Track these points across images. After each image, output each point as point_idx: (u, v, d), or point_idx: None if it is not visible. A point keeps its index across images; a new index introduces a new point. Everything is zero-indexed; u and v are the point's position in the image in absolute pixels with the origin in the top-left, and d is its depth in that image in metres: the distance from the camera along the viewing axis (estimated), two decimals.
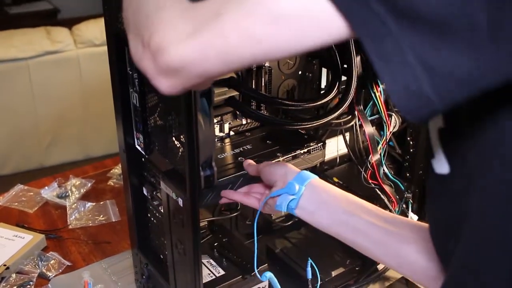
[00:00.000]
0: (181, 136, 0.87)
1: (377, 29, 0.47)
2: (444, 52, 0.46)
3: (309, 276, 1.11)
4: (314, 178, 0.92)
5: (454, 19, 0.44)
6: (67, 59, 3.05)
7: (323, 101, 1.03)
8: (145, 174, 1.06)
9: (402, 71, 0.47)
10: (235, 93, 1.04)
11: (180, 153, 0.90)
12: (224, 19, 0.52)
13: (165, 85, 0.59)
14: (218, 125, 1.12)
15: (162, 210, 1.01)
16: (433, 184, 0.66)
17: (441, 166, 0.62)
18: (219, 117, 1.10)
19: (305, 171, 0.93)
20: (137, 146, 1.04)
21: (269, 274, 1.02)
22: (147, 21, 0.58)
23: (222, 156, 1.06)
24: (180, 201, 0.90)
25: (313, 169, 1.19)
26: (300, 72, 1.19)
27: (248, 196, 1.00)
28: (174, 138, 0.91)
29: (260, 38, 0.51)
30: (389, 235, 0.85)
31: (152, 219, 1.10)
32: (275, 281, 1.02)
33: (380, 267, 1.20)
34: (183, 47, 0.54)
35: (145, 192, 1.08)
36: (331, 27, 0.49)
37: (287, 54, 0.54)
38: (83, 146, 3.35)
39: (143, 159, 1.05)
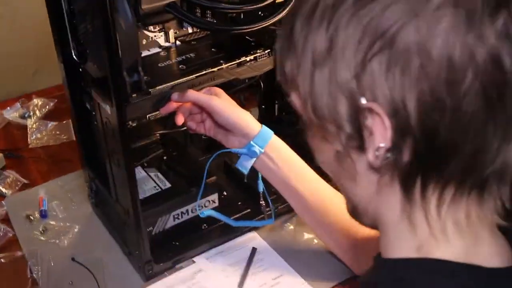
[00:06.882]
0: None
1: None
2: None
3: (260, 189, 1.08)
4: (272, 138, 0.98)
5: None
6: None
7: (267, 2, 0.97)
8: (82, 85, 1.02)
9: None
10: None
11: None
12: None
13: None
14: (163, 34, 1.07)
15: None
16: None
17: None
18: (161, 25, 1.04)
19: (265, 128, 0.98)
20: (73, 56, 0.99)
21: (208, 212, 1.06)
22: None
23: (163, 65, 1.02)
24: (108, 109, 0.87)
25: None
26: None
27: (187, 120, 1.01)
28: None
29: None
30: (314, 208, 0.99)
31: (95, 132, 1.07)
32: (216, 214, 1.06)
33: None
34: None
35: (87, 105, 1.05)
36: None
37: None
38: None
39: (80, 69, 1.01)
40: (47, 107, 1.56)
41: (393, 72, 0.50)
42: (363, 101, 0.53)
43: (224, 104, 0.96)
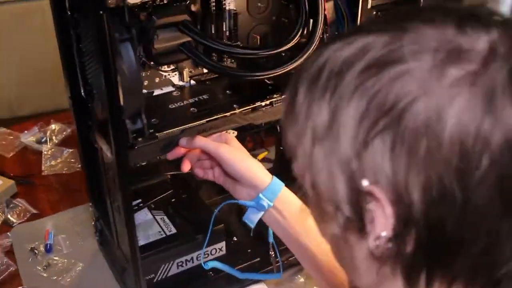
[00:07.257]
0: None
1: None
2: None
3: (271, 239, 1.03)
4: (281, 191, 0.90)
5: None
6: None
7: (282, 48, 0.93)
8: (90, 124, 0.98)
9: None
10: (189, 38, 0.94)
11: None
12: None
13: None
14: (177, 73, 1.03)
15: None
16: None
17: None
18: (174, 64, 1.00)
19: (275, 180, 0.90)
20: (82, 93, 0.96)
21: (212, 264, 1.01)
22: None
23: (174, 106, 0.98)
24: (109, 154, 0.83)
25: None
26: (274, 18, 1.08)
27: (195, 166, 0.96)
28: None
29: None
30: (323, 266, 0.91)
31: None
32: (221, 266, 1.02)
33: None
34: None
35: (94, 143, 1.01)
36: None
37: None
38: None
39: (89, 106, 0.98)
40: (64, 133, 1.53)
41: (398, 154, 0.44)
42: (364, 183, 0.47)
43: (233, 153, 0.91)
